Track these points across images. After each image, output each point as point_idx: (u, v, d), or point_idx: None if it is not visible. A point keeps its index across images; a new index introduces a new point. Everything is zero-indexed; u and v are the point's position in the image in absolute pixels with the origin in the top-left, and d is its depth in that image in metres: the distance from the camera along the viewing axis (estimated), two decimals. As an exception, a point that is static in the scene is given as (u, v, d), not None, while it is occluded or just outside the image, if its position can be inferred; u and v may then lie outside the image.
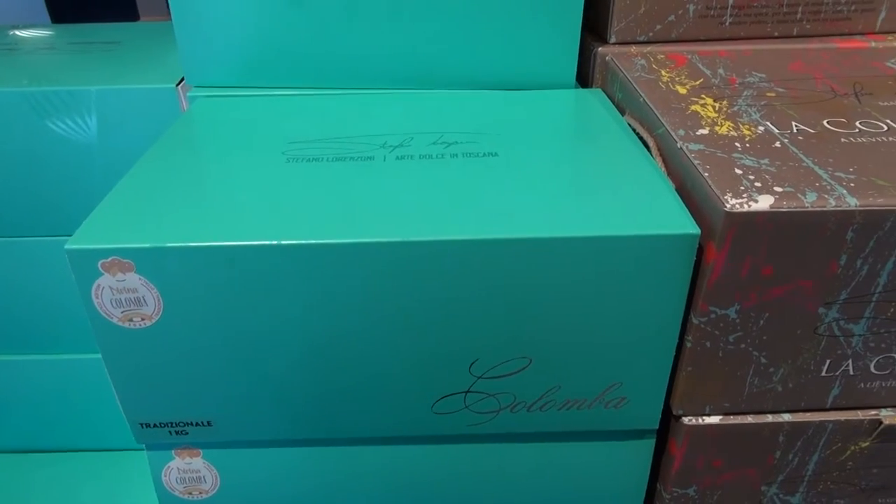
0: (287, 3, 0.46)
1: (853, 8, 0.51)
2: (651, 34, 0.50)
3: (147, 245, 0.31)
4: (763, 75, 0.44)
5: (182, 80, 0.50)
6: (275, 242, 0.31)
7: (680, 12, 0.50)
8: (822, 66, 0.45)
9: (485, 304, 0.33)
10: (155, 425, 0.37)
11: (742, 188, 0.31)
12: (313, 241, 0.31)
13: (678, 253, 0.32)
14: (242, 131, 0.43)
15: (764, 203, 0.30)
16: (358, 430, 0.38)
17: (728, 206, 0.30)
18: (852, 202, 0.30)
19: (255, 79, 0.49)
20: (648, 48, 0.50)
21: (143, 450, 0.40)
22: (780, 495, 0.42)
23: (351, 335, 0.34)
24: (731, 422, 0.38)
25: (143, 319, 0.33)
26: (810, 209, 0.30)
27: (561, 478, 0.41)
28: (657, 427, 0.39)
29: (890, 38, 0.51)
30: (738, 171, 0.33)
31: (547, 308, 0.34)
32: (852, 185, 0.32)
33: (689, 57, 0.47)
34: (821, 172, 0.33)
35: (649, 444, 0.40)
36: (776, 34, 0.51)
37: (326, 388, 0.36)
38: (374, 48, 0.47)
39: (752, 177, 0.32)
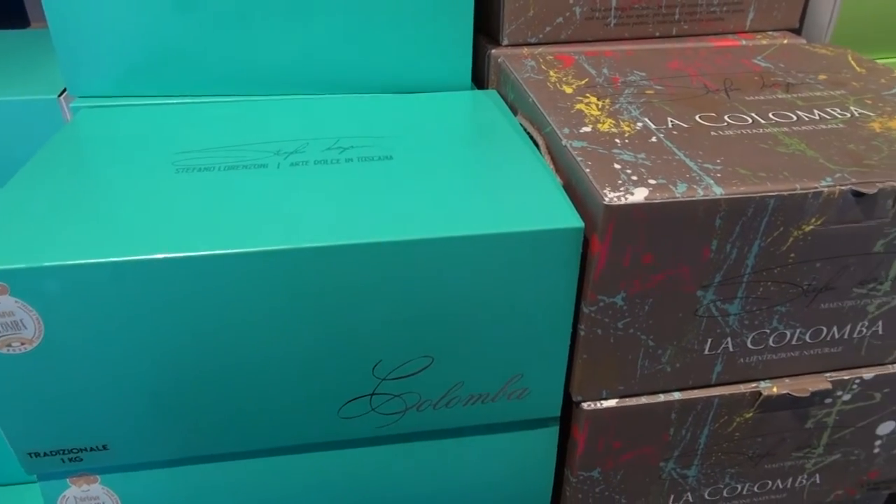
0: (173, 8, 0.45)
1: (725, 9, 0.54)
2: (541, 36, 0.52)
3: (22, 265, 0.30)
4: (644, 74, 0.46)
5: (65, 90, 0.48)
6: (161, 256, 0.30)
7: (567, 14, 0.52)
8: (697, 64, 0.48)
9: (383, 306, 0.34)
10: (46, 454, 0.36)
11: (620, 182, 0.33)
12: (202, 253, 0.31)
13: (565, 246, 0.34)
14: (129, 142, 0.41)
15: (639, 195, 0.32)
16: (263, 441, 0.38)
17: (606, 199, 0.32)
18: (718, 191, 0.33)
19: (143, 87, 0.47)
20: (539, 49, 0.52)
21: (35, 481, 0.38)
22: (678, 469, 0.44)
23: (249, 345, 0.34)
24: (626, 404, 0.40)
25: (22, 344, 0.32)
26: (681, 199, 0.32)
27: (471, 471, 0.42)
28: (559, 414, 0.41)
29: (759, 36, 0.55)
30: (617, 166, 0.35)
31: (445, 306, 0.35)
32: (719, 175, 0.34)
33: (577, 57, 0.49)
34: (691, 164, 0.35)
35: (553, 432, 0.42)
36: (657, 34, 0.54)
37: (226, 402, 0.35)
38: (266, 53, 0.47)
39: (629, 171, 0.34)
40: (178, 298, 0.32)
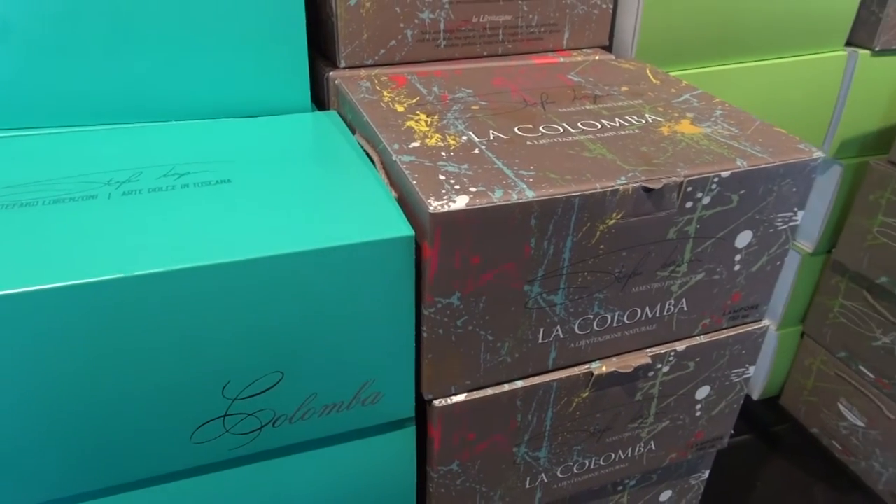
0: (-16, 39, 0.43)
1: (543, 30, 0.60)
2: (377, 58, 0.55)
3: None
4: (470, 91, 0.50)
5: None
6: (-22, 296, 0.29)
7: (399, 37, 0.55)
8: (518, 81, 0.53)
9: (226, 327, 0.34)
10: None
11: (444, 191, 0.36)
12: (29, 289, 0.30)
13: (399, 254, 0.36)
14: (-60, 181, 0.39)
15: (461, 202, 0.35)
16: (114, 477, 0.37)
17: (431, 208, 0.35)
18: (530, 194, 0.37)
19: (-46, 122, 0.44)
20: (375, 71, 0.54)
21: None
22: (530, 453, 0.48)
23: (89, 379, 0.33)
24: (474, 397, 0.43)
25: None
26: (498, 203, 0.36)
27: (335, 481, 0.43)
28: (414, 414, 0.43)
29: (574, 53, 0.61)
30: (442, 177, 0.37)
31: (290, 321, 0.36)
32: (531, 180, 0.38)
33: (409, 77, 0.52)
34: (508, 172, 0.38)
35: (410, 432, 0.44)
36: (485, 54, 0.59)
37: (69, 439, 0.34)
38: (92, 82, 0.46)
39: (452, 181, 0.37)
40: (10, 336, 0.31)
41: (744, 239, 0.44)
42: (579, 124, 0.45)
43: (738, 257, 0.45)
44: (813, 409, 0.93)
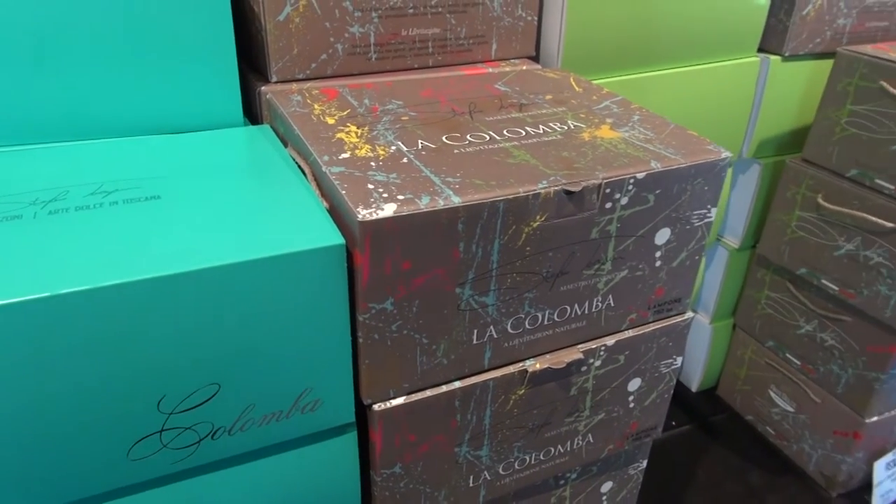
0: None
1: (471, 42, 0.62)
2: (308, 72, 0.56)
3: None
4: (401, 102, 0.52)
5: None
6: None
7: (330, 51, 0.56)
8: (447, 91, 0.54)
9: (159, 341, 0.35)
10: None
11: (372, 200, 0.37)
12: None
13: (331, 262, 0.37)
14: None
15: (388, 210, 0.36)
16: (48, 499, 0.36)
17: (360, 216, 0.36)
18: (457, 200, 0.38)
19: None
20: (307, 84, 0.55)
21: None
22: (472, 452, 0.49)
23: (20, 399, 0.33)
24: (413, 399, 0.44)
25: None
26: (425, 210, 0.37)
27: (278, 490, 0.44)
28: (354, 420, 0.44)
29: (503, 64, 0.63)
30: (371, 186, 0.39)
31: (224, 333, 0.36)
32: (457, 186, 0.39)
33: (341, 90, 0.53)
34: (435, 179, 0.40)
35: (352, 437, 0.44)
36: (416, 66, 0.60)
37: (1, 462, 0.34)
38: (17, 101, 0.45)
39: (381, 189, 0.38)
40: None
41: (662, 236, 0.47)
42: (505, 132, 0.47)
43: (658, 254, 0.47)
44: (747, 397, 0.97)
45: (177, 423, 0.37)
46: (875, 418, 0.81)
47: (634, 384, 0.54)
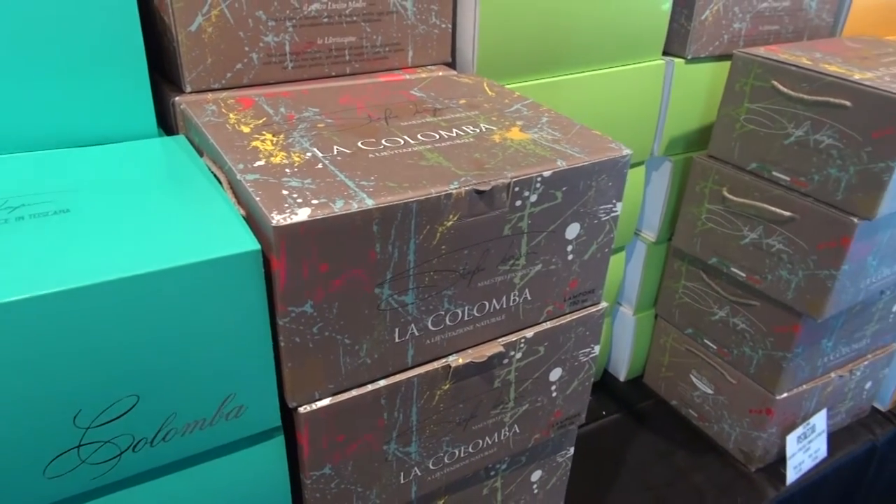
0: None
1: (388, 49, 0.63)
2: (224, 81, 0.56)
3: None
4: (317, 110, 0.52)
5: None
6: None
7: (245, 61, 0.56)
8: (364, 98, 0.56)
9: (72, 354, 0.34)
10: None
11: (286, 205, 0.38)
12: None
13: (246, 268, 0.37)
14: None
15: (303, 214, 0.37)
16: (-41, 524, 0.35)
17: (274, 221, 0.37)
18: (370, 203, 0.39)
19: None
20: (223, 94, 0.55)
21: None
22: (401, 449, 0.50)
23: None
24: (339, 400, 0.45)
25: None
26: (339, 213, 0.38)
27: (207, 499, 0.44)
28: (280, 424, 0.44)
29: (420, 70, 0.65)
30: (285, 192, 0.39)
31: (141, 343, 0.36)
32: (371, 189, 0.40)
33: (256, 99, 0.54)
34: (350, 183, 0.41)
35: (279, 441, 0.45)
36: (333, 74, 0.61)
37: None
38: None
39: (295, 195, 0.39)
40: None
41: (573, 231, 0.49)
42: (419, 136, 0.49)
43: (569, 248, 0.50)
44: (670, 383, 1.02)
45: (95, 438, 0.37)
46: (785, 395, 0.86)
47: (556, 374, 0.56)
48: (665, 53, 0.83)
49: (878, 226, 0.74)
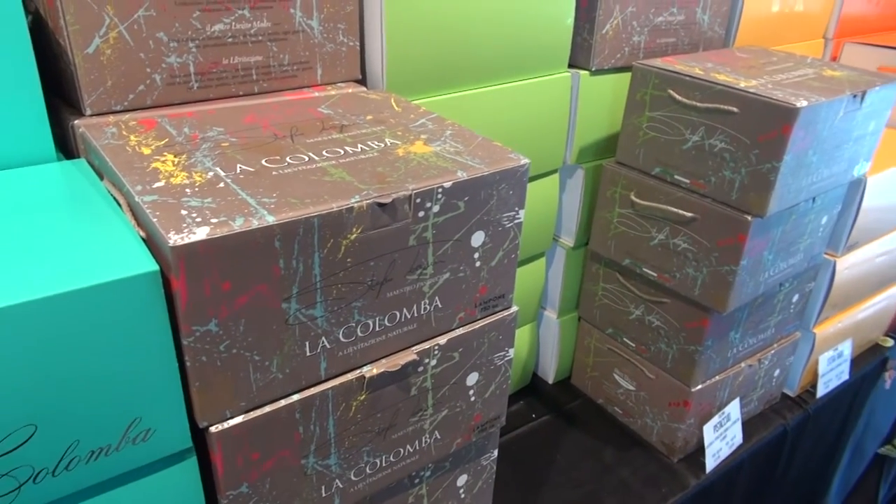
0: None
1: (296, 67, 0.64)
2: (126, 103, 0.55)
3: None
4: (222, 129, 0.53)
5: None
6: None
7: (148, 82, 0.56)
8: (270, 117, 0.56)
9: (-40, 387, 0.33)
10: None
11: (185, 225, 0.38)
12: None
13: (147, 289, 0.37)
14: None
15: (201, 234, 0.38)
16: None
17: (171, 241, 0.37)
18: (271, 219, 0.40)
19: None
20: (125, 116, 0.55)
21: None
22: (320, 462, 0.50)
23: None
24: (251, 417, 0.45)
25: None
26: (238, 231, 0.39)
27: (117, 527, 0.43)
28: (192, 444, 0.44)
29: (329, 88, 0.66)
30: (185, 212, 0.40)
31: (36, 371, 0.35)
32: (273, 206, 0.41)
33: (159, 120, 0.53)
34: (251, 201, 0.42)
35: (192, 463, 0.44)
36: (241, 93, 0.61)
37: None
38: None
39: (195, 214, 0.39)
40: None
41: (478, 239, 0.51)
42: (324, 152, 0.50)
43: (476, 255, 0.52)
44: (596, 382, 1.06)
45: (-10, 471, 0.36)
46: (700, 386, 0.91)
47: (472, 378, 0.58)
48: (571, 66, 0.86)
49: (770, 223, 0.80)
